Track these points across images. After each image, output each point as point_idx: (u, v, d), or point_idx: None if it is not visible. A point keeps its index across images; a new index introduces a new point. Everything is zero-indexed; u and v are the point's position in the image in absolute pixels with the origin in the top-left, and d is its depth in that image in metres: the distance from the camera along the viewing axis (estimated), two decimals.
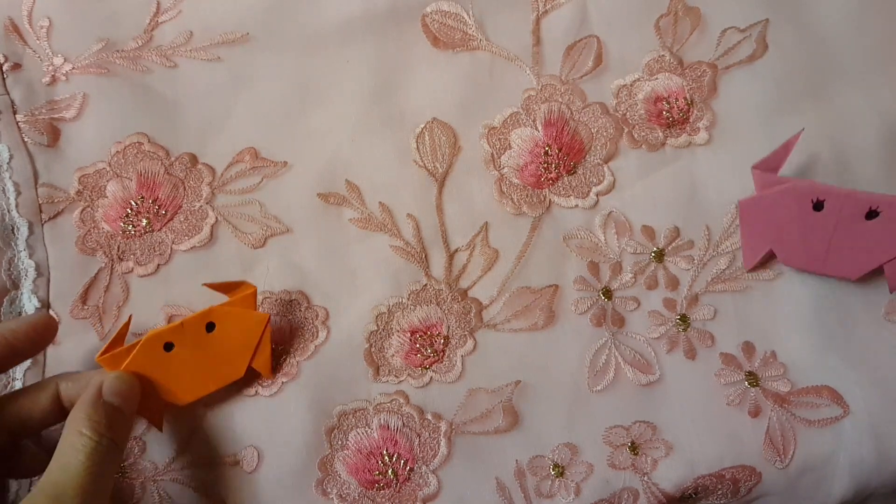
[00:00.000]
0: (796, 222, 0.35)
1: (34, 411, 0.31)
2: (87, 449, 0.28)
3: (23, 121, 0.38)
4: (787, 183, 0.35)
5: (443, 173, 0.39)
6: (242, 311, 0.34)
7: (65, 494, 0.27)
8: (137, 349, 0.33)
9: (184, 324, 0.33)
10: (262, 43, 0.39)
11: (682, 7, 0.40)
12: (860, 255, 0.35)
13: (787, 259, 0.36)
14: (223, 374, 0.35)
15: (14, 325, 0.31)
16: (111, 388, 0.31)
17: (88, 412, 0.29)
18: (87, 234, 0.37)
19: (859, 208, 0.34)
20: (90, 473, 0.28)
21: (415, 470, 0.37)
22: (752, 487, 0.37)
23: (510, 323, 0.38)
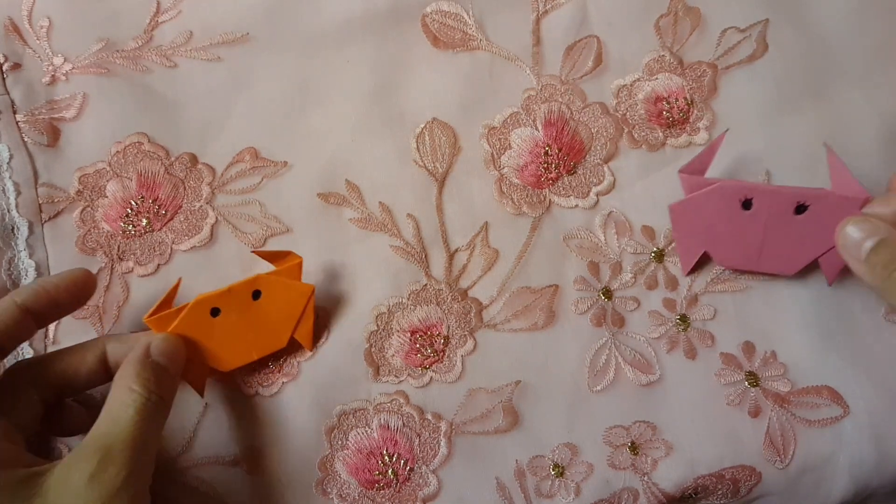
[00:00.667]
0: (727, 222, 0.35)
1: (81, 370, 0.32)
2: (137, 404, 0.29)
3: (23, 120, 0.38)
4: (715, 184, 0.35)
5: (443, 173, 0.39)
6: (288, 281, 0.35)
7: (114, 447, 0.27)
8: (185, 312, 0.33)
9: (231, 289, 0.34)
10: (262, 43, 0.39)
11: (682, 7, 0.40)
12: (794, 250, 0.35)
13: (723, 260, 0.36)
14: (266, 342, 0.35)
15: (56, 280, 0.31)
16: (159, 348, 0.31)
17: (137, 369, 0.30)
18: (87, 234, 0.37)
19: (787, 204, 0.34)
20: (139, 428, 0.28)
21: (415, 470, 0.37)
22: (752, 487, 0.37)
23: (510, 323, 0.38)
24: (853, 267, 0.33)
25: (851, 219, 0.33)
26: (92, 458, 0.27)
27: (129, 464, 0.27)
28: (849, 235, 0.32)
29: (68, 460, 0.27)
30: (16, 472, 0.27)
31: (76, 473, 0.27)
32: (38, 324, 0.31)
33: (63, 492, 0.26)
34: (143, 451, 0.28)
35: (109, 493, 0.26)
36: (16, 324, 0.30)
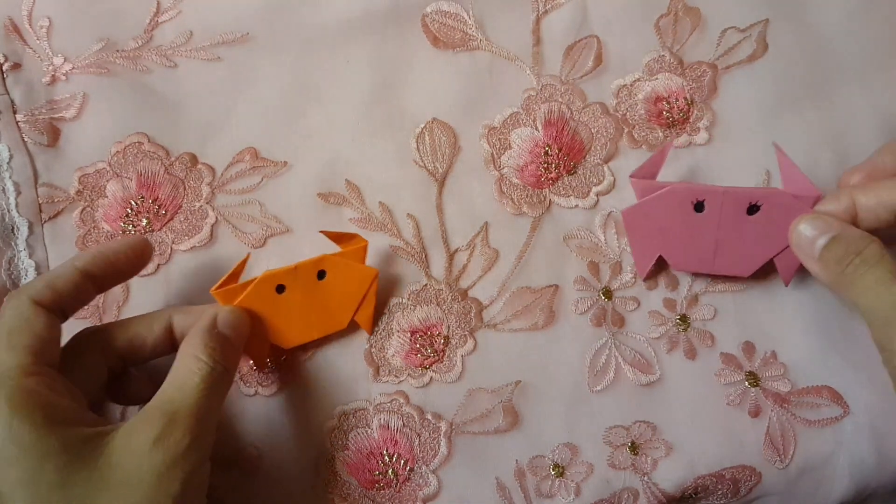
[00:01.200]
0: (680, 226, 0.35)
1: (147, 340, 0.32)
2: (203, 372, 0.29)
3: (23, 120, 0.38)
4: (666, 187, 0.34)
5: (443, 173, 0.39)
6: (353, 263, 0.35)
7: (179, 413, 0.28)
8: (252, 287, 0.33)
9: (297, 268, 0.34)
10: (262, 43, 0.39)
11: (682, 7, 0.40)
12: (749, 251, 0.35)
13: (678, 263, 0.36)
14: (328, 323, 0.35)
15: (115, 246, 0.32)
16: (225, 320, 0.32)
17: (205, 339, 0.30)
18: (88, 234, 0.37)
19: (739, 204, 0.34)
20: (204, 396, 0.29)
21: (415, 470, 0.37)
22: (752, 487, 0.37)
23: (510, 323, 0.38)
24: (808, 265, 0.33)
25: (804, 217, 0.33)
26: (157, 422, 0.27)
27: (192, 430, 0.28)
28: (802, 234, 0.32)
29: (133, 423, 0.28)
30: (81, 430, 0.27)
31: (141, 436, 0.27)
32: (98, 288, 0.32)
33: (126, 453, 0.27)
34: (207, 419, 0.29)
35: (173, 458, 0.27)
36: (76, 288, 0.30)
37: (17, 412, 0.26)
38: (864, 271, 0.29)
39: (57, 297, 0.30)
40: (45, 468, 0.26)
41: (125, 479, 0.26)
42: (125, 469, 0.26)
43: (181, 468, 0.27)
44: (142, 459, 0.27)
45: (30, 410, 0.26)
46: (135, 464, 0.26)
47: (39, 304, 0.29)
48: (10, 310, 0.29)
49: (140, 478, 0.26)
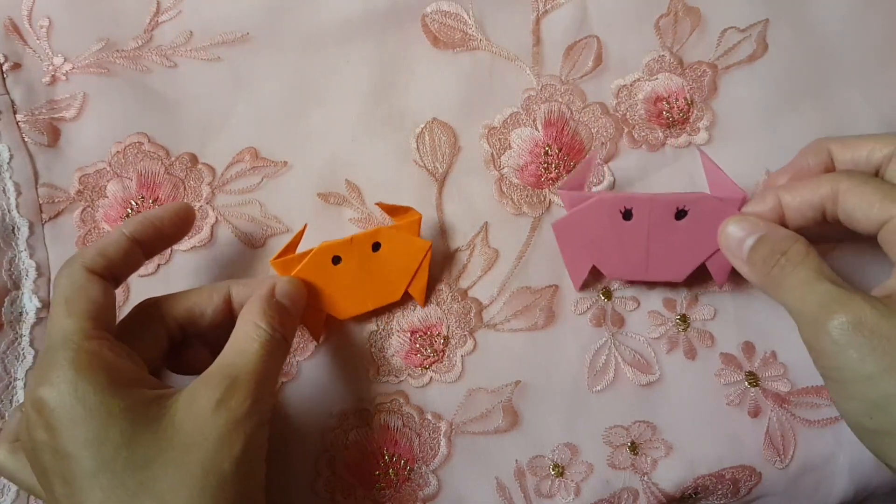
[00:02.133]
0: (611, 235, 0.35)
1: (206, 310, 0.33)
2: (262, 339, 0.30)
3: (23, 121, 0.38)
4: (594, 197, 0.35)
5: (443, 173, 0.39)
6: (407, 236, 0.35)
7: (239, 377, 0.28)
8: (309, 258, 0.34)
9: (353, 239, 0.35)
10: (263, 43, 0.39)
11: (682, 7, 0.40)
12: (680, 256, 0.35)
13: (612, 272, 0.36)
14: (382, 294, 0.36)
15: (160, 212, 0.32)
16: (283, 289, 0.32)
17: (263, 307, 0.31)
18: (88, 234, 0.37)
19: (667, 210, 0.34)
20: (263, 362, 0.29)
21: (415, 470, 0.37)
22: (752, 488, 0.37)
23: (510, 323, 0.38)
24: (737, 267, 0.33)
25: (731, 219, 0.33)
26: (219, 385, 0.28)
27: (253, 393, 0.28)
28: (730, 235, 0.33)
29: (194, 387, 0.28)
30: (144, 392, 0.27)
31: (203, 399, 0.27)
32: (146, 254, 0.32)
33: (189, 415, 0.27)
34: (266, 384, 0.29)
35: (235, 420, 0.27)
36: (126, 254, 0.31)
37: (82, 374, 0.26)
38: (790, 271, 0.30)
39: (109, 263, 0.30)
40: (111, 429, 0.26)
41: (188, 441, 0.27)
42: (188, 431, 0.27)
43: (243, 430, 0.27)
44: (204, 421, 0.27)
45: (94, 372, 0.27)
46: (197, 426, 0.27)
47: (92, 271, 0.30)
48: (65, 278, 0.29)
49: (203, 439, 0.27)
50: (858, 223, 0.30)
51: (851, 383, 0.27)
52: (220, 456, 0.27)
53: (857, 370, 0.27)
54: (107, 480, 0.26)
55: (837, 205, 0.30)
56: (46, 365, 0.27)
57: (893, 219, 0.28)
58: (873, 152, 0.31)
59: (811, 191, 0.31)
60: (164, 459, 0.26)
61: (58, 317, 0.28)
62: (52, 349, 0.28)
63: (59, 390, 0.26)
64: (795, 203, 0.31)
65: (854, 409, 0.28)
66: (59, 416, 0.26)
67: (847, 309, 0.27)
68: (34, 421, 0.27)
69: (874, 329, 0.26)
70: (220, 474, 0.27)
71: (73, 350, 0.27)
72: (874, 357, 0.26)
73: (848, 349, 0.27)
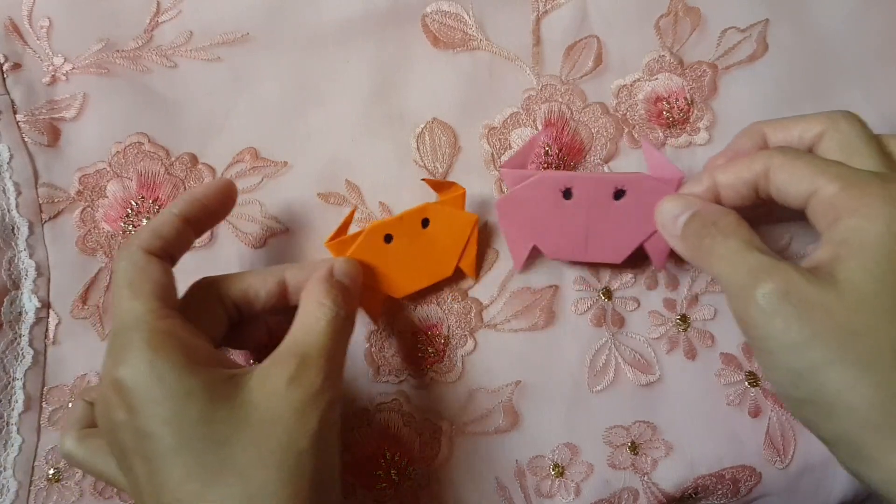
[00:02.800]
0: (551, 213, 0.35)
1: (260, 292, 0.33)
2: (328, 316, 0.30)
3: (23, 121, 0.38)
4: (535, 175, 0.35)
5: (443, 173, 0.39)
6: (454, 210, 0.36)
7: (309, 354, 0.29)
8: (362, 237, 0.34)
9: (403, 217, 0.35)
10: (262, 43, 0.39)
11: (682, 7, 0.40)
12: (619, 237, 0.35)
13: (551, 252, 0.36)
14: (434, 271, 0.36)
15: (203, 189, 0.33)
16: (342, 269, 0.33)
17: (326, 286, 0.31)
18: (88, 234, 0.37)
19: (605, 190, 0.34)
20: (331, 339, 0.29)
21: (415, 470, 0.37)
22: (752, 487, 0.37)
23: (510, 323, 0.38)
24: (672, 244, 0.33)
25: (667, 197, 0.33)
26: (290, 363, 0.28)
27: (324, 370, 0.28)
28: (665, 213, 0.33)
29: (266, 366, 0.28)
30: (219, 370, 0.28)
31: (276, 377, 0.28)
32: (196, 232, 0.32)
33: (263, 393, 0.27)
34: (335, 360, 0.29)
35: (309, 396, 0.27)
36: (179, 233, 0.31)
37: (159, 353, 0.27)
38: (720, 241, 0.30)
39: (165, 243, 0.30)
40: (189, 407, 0.26)
41: (264, 418, 0.27)
42: (263, 408, 0.27)
43: (317, 406, 0.28)
44: (279, 399, 0.27)
45: (170, 351, 0.27)
46: (273, 403, 0.27)
47: (150, 252, 0.30)
48: (124, 260, 0.30)
49: (279, 416, 0.27)
50: (788, 197, 0.30)
51: (777, 353, 0.27)
52: (297, 433, 0.27)
53: (783, 339, 0.27)
54: (188, 457, 0.26)
55: (769, 181, 0.31)
56: (120, 346, 0.27)
57: (819, 190, 0.28)
58: (805, 132, 0.31)
59: (744, 168, 0.31)
60: (241, 437, 0.26)
61: (124, 299, 0.29)
62: (124, 331, 0.28)
63: (137, 370, 0.26)
64: (729, 181, 0.32)
65: (780, 379, 0.28)
66: (139, 395, 0.26)
67: (775, 277, 0.27)
68: (113, 402, 0.27)
69: (801, 298, 0.26)
70: (297, 451, 0.27)
71: (147, 330, 0.27)
72: (799, 325, 0.26)
73: (774, 318, 0.27)
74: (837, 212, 0.28)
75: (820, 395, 0.26)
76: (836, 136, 0.31)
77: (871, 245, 0.26)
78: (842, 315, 0.26)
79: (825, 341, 0.26)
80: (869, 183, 0.28)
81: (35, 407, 0.36)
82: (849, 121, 0.31)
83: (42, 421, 0.36)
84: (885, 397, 0.25)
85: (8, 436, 0.36)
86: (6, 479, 0.36)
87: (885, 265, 0.26)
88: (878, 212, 0.27)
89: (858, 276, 0.26)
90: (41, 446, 0.36)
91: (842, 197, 0.28)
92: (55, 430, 0.36)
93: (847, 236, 0.27)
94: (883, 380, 0.25)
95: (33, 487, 0.36)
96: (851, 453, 0.27)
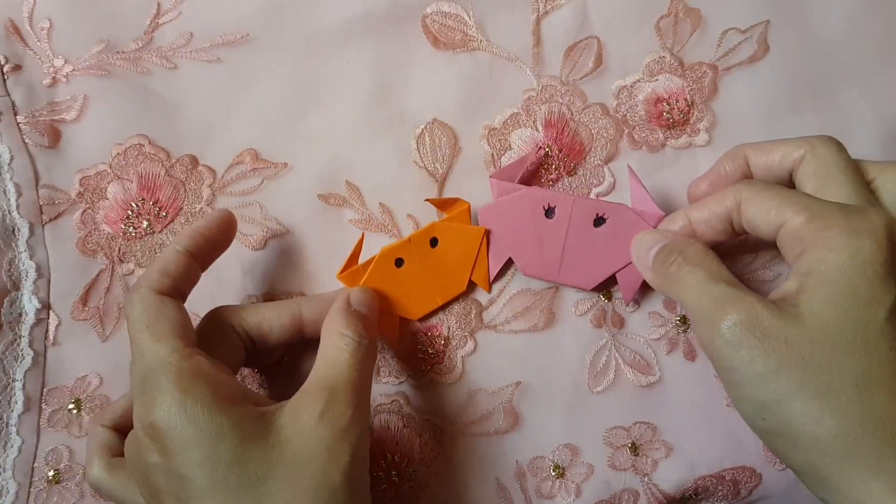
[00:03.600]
0: (531, 229, 0.35)
1: (275, 326, 0.33)
2: (351, 347, 0.30)
3: (23, 122, 0.38)
4: (522, 189, 0.35)
5: (443, 174, 0.39)
6: (461, 226, 0.36)
7: (337, 387, 0.29)
8: (373, 265, 0.35)
9: (411, 239, 0.35)
10: (263, 44, 0.39)
11: (682, 8, 0.40)
12: (593, 263, 0.36)
13: (525, 267, 0.37)
14: (448, 288, 0.37)
15: (205, 222, 0.33)
16: (357, 298, 0.33)
17: (345, 317, 0.31)
18: (88, 236, 0.37)
19: (587, 215, 0.35)
20: (356, 369, 0.30)
21: (415, 471, 0.37)
22: (752, 489, 0.37)
23: (510, 324, 0.38)
24: (644, 275, 0.34)
25: (643, 231, 0.34)
26: (319, 397, 0.28)
27: (353, 402, 0.28)
28: (640, 245, 0.34)
29: (295, 401, 0.28)
30: (249, 408, 0.28)
31: (306, 413, 0.28)
32: (202, 265, 0.33)
33: (294, 430, 0.27)
34: (363, 390, 0.30)
35: (340, 430, 0.28)
36: (187, 269, 0.31)
37: (188, 394, 0.27)
38: (688, 271, 0.30)
39: (174, 281, 0.31)
40: (221, 448, 0.26)
41: (297, 455, 0.27)
42: (295, 445, 0.27)
43: (348, 440, 0.28)
44: (310, 435, 0.27)
45: (199, 391, 0.27)
46: (304, 439, 0.27)
47: (160, 291, 0.30)
48: (138, 304, 0.30)
49: (311, 452, 0.27)
50: (759, 229, 0.31)
51: (743, 385, 0.28)
52: (330, 468, 0.27)
53: (748, 371, 0.27)
54: (222, 498, 0.26)
55: (741, 214, 0.31)
56: (150, 391, 0.27)
57: (787, 222, 0.29)
58: (786, 156, 0.32)
59: (717, 203, 0.32)
60: (275, 475, 0.26)
61: (145, 343, 0.29)
62: (151, 375, 0.28)
63: (168, 413, 0.27)
64: (704, 217, 0.32)
65: (748, 410, 0.28)
66: (172, 437, 0.26)
67: (739, 309, 0.27)
68: (146, 445, 0.27)
69: (765, 330, 0.27)
70: (331, 486, 0.27)
71: (174, 372, 0.27)
72: (763, 357, 0.27)
73: (740, 349, 0.27)
74: (803, 244, 0.28)
75: (786, 427, 0.27)
76: (813, 162, 0.31)
77: (833, 277, 0.27)
78: (804, 347, 0.26)
79: (788, 373, 0.26)
80: (833, 214, 0.28)
81: (35, 408, 0.36)
82: (826, 146, 0.31)
83: (42, 422, 0.36)
84: (847, 428, 0.26)
85: (7, 437, 0.36)
86: (5, 480, 0.36)
87: (847, 296, 0.27)
88: (841, 243, 0.27)
89: (821, 308, 0.27)
90: (41, 447, 0.36)
91: (807, 229, 0.28)
92: (55, 432, 0.36)
93: (812, 267, 0.28)
94: (845, 411, 0.26)
95: (33, 489, 0.36)
96: (817, 482, 0.27)
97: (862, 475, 0.26)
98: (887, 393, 0.26)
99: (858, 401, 0.26)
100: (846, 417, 0.26)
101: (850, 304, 0.26)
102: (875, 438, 0.26)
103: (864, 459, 0.26)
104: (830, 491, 0.27)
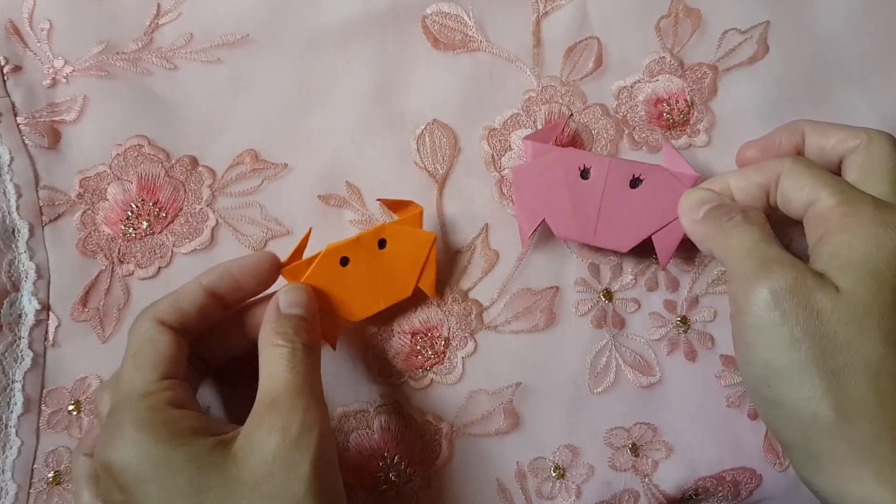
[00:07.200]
0: (566, 191, 0.35)
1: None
2: (285, 356, 0.30)
3: (23, 123, 0.38)
4: (557, 150, 0.35)
5: (443, 174, 0.39)
6: (411, 230, 0.35)
7: (278, 399, 0.28)
8: (317, 262, 0.34)
9: (359, 238, 0.34)
10: (263, 44, 0.39)
11: (682, 8, 0.40)
12: (628, 226, 0.35)
13: (560, 230, 0.36)
14: (393, 292, 0.36)
15: (240, 263, 0.32)
16: (286, 300, 0.32)
17: (273, 326, 0.31)
18: (88, 237, 0.37)
19: (623, 175, 0.34)
20: (297, 376, 0.29)
21: (416, 472, 0.37)
22: (752, 490, 0.37)
23: (511, 324, 0.38)
24: (688, 228, 0.34)
25: (696, 188, 0.34)
26: (265, 414, 0.28)
27: (300, 408, 0.28)
28: (691, 198, 0.33)
29: (247, 424, 0.28)
30: (205, 440, 0.28)
31: (257, 432, 0.28)
32: (224, 307, 0.32)
33: (250, 451, 0.27)
34: (311, 393, 0.29)
35: (293, 439, 0.27)
36: (201, 308, 0.31)
37: (143, 431, 0.27)
38: (744, 228, 0.30)
39: (181, 316, 0.31)
40: (178, 481, 0.26)
41: (254, 475, 0.27)
42: (252, 465, 0.27)
43: (304, 447, 0.27)
44: (264, 451, 0.27)
45: (154, 428, 0.27)
46: (259, 458, 0.27)
47: (163, 323, 0.30)
48: (136, 330, 0.30)
49: (268, 469, 0.27)
50: (790, 204, 0.31)
51: (760, 346, 0.28)
52: (290, 481, 0.27)
53: (772, 333, 0.27)
54: None
55: (778, 187, 0.31)
56: (110, 428, 0.28)
57: (818, 202, 0.29)
58: (841, 142, 0.32)
59: (759, 173, 0.32)
60: (235, 498, 0.26)
61: (126, 369, 0.29)
62: (117, 408, 0.28)
63: (124, 451, 0.27)
64: (742, 185, 0.32)
65: (755, 375, 0.28)
66: (129, 475, 0.27)
67: (788, 271, 0.28)
68: (107, 483, 0.28)
69: (806, 298, 0.27)
70: (294, 499, 0.27)
71: (134, 408, 0.28)
72: (793, 323, 0.27)
73: (774, 309, 0.27)
74: (829, 226, 0.28)
75: (788, 398, 0.27)
76: (864, 154, 0.31)
77: (859, 262, 0.27)
78: (832, 324, 0.27)
79: (811, 345, 0.27)
80: (863, 203, 0.28)
81: (34, 409, 0.36)
82: (882, 143, 0.31)
83: (41, 423, 0.36)
84: (849, 410, 0.26)
85: (7, 438, 0.36)
86: (5, 481, 0.36)
87: (876, 282, 0.27)
88: (868, 231, 0.27)
89: (853, 288, 0.27)
90: (40, 449, 0.36)
91: (835, 212, 0.28)
92: (55, 433, 0.36)
93: (836, 251, 0.28)
94: (852, 393, 0.26)
95: (33, 490, 0.36)
96: (806, 459, 0.28)
97: (853, 457, 0.26)
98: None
99: (867, 387, 0.26)
100: (851, 400, 0.26)
101: (879, 289, 0.27)
102: (874, 425, 0.26)
103: (860, 443, 0.26)
104: (817, 469, 0.27)
